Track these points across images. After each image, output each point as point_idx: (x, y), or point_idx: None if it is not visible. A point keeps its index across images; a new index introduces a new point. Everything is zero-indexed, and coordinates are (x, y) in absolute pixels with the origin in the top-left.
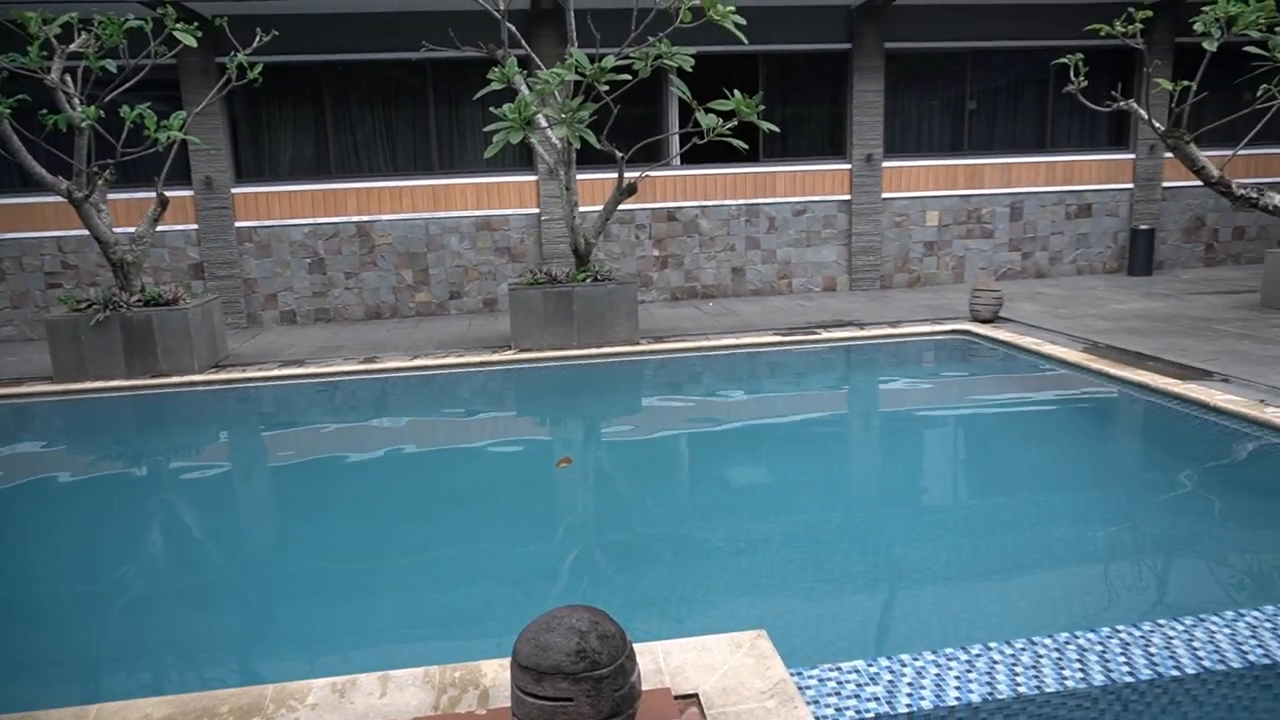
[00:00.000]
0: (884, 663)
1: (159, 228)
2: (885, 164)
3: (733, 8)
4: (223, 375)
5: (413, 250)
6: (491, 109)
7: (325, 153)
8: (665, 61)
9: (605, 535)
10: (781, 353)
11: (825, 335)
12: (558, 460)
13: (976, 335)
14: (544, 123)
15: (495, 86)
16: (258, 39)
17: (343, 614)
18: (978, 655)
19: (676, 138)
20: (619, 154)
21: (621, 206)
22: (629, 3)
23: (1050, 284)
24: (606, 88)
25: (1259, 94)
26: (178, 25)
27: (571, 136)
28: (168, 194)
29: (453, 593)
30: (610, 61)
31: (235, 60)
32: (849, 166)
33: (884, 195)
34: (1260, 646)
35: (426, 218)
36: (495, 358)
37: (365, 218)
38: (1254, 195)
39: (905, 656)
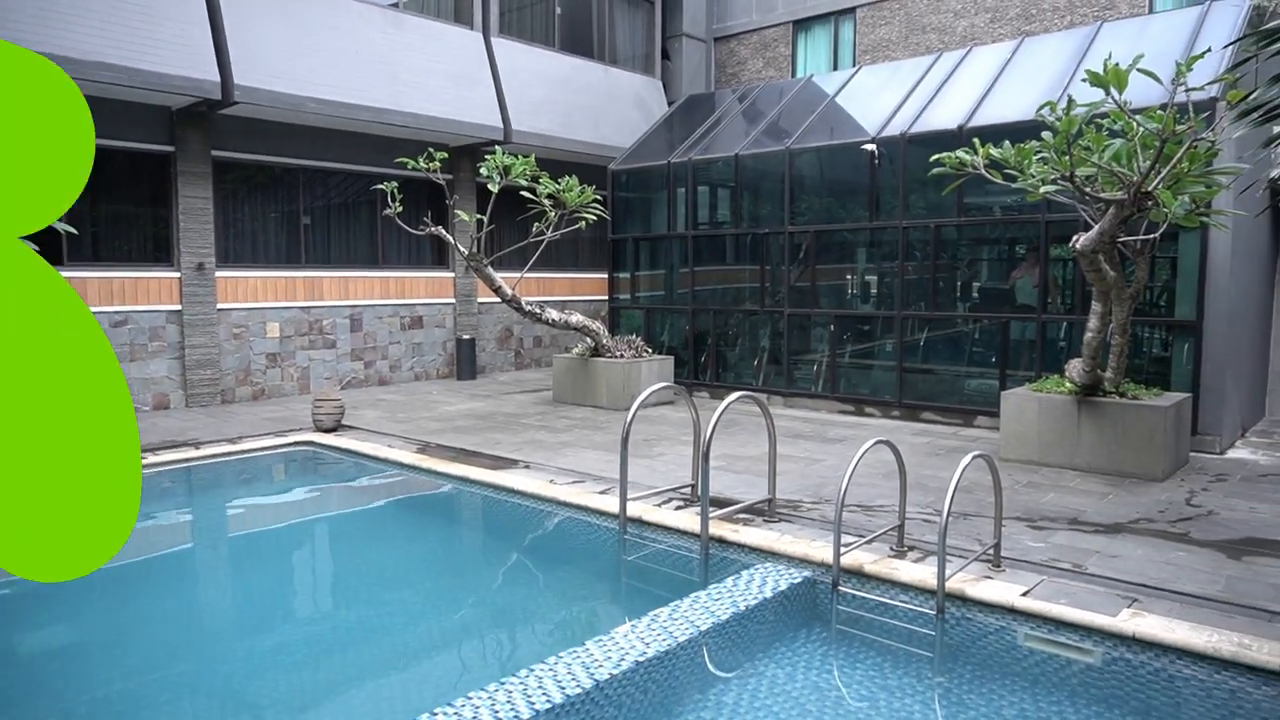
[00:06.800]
0: None
1: None
2: (220, 273)
3: None
4: None
5: None
6: None
7: None
8: None
9: None
10: None
11: (154, 460)
12: None
13: (320, 445)
14: None
15: None
16: None
17: None
18: None
19: None
20: None
21: None
22: None
23: (391, 390)
24: None
25: (534, 229)
26: None
27: None
28: None
29: None
30: None
31: None
32: (178, 275)
33: (220, 306)
34: (546, 696)
35: None
36: None
37: None
38: (538, 311)
39: None
